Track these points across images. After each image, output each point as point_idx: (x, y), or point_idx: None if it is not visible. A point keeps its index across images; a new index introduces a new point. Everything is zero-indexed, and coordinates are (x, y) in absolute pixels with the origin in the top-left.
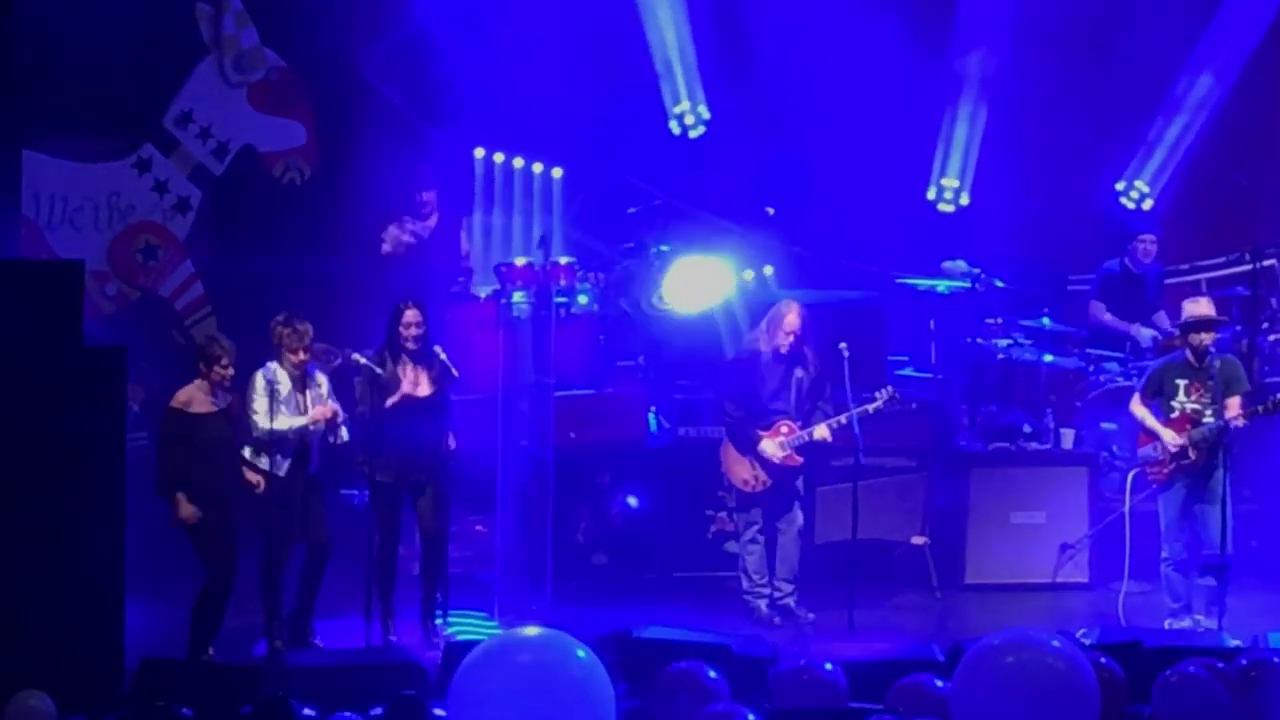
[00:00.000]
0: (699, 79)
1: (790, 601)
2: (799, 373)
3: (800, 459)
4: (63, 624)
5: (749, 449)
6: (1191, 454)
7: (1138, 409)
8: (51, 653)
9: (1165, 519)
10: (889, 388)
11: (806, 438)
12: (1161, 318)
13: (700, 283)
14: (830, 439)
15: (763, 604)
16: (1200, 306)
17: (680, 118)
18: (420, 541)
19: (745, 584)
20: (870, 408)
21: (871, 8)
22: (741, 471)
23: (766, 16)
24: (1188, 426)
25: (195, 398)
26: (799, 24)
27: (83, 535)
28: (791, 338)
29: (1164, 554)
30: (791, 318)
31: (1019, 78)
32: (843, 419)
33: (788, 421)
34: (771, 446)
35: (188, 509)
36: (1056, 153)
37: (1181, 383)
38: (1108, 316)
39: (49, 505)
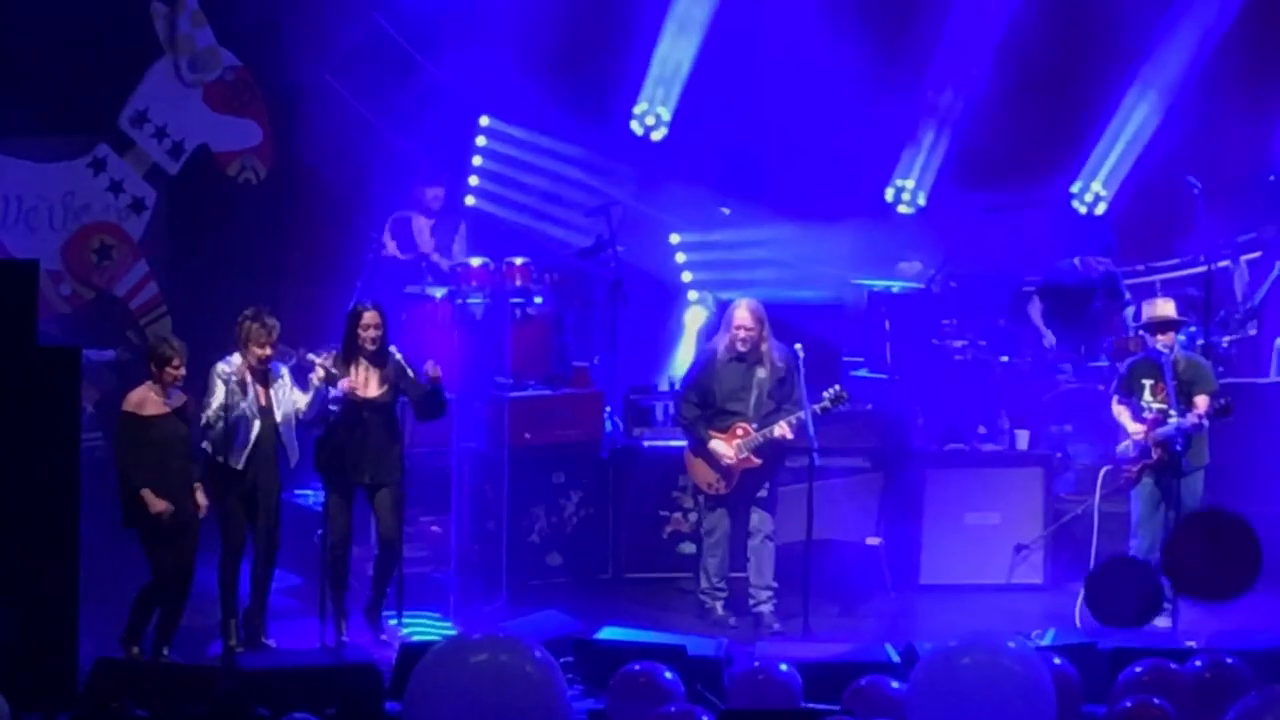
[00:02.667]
0: (679, 82)
1: (765, 609)
2: (760, 373)
3: (758, 461)
4: (16, 624)
5: (703, 449)
6: (1154, 453)
7: (1115, 408)
8: (5, 653)
9: (1137, 515)
10: (836, 387)
11: (761, 439)
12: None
13: None
14: (790, 435)
15: (719, 605)
16: (1158, 308)
17: (641, 118)
18: (376, 542)
19: (703, 583)
20: (817, 407)
21: (834, 12)
22: (703, 474)
23: (728, 19)
24: (1155, 428)
25: (147, 399)
26: (761, 25)
27: (36, 535)
28: (742, 332)
29: (1131, 548)
30: (740, 314)
31: (978, 81)
32: (793, 419)
33: (743, 424)
34: (723, 448)
35: (158, 504)
36: (1013, 155)
37: (1147, 383)
38: (1037, 318)
39: (1, 506)
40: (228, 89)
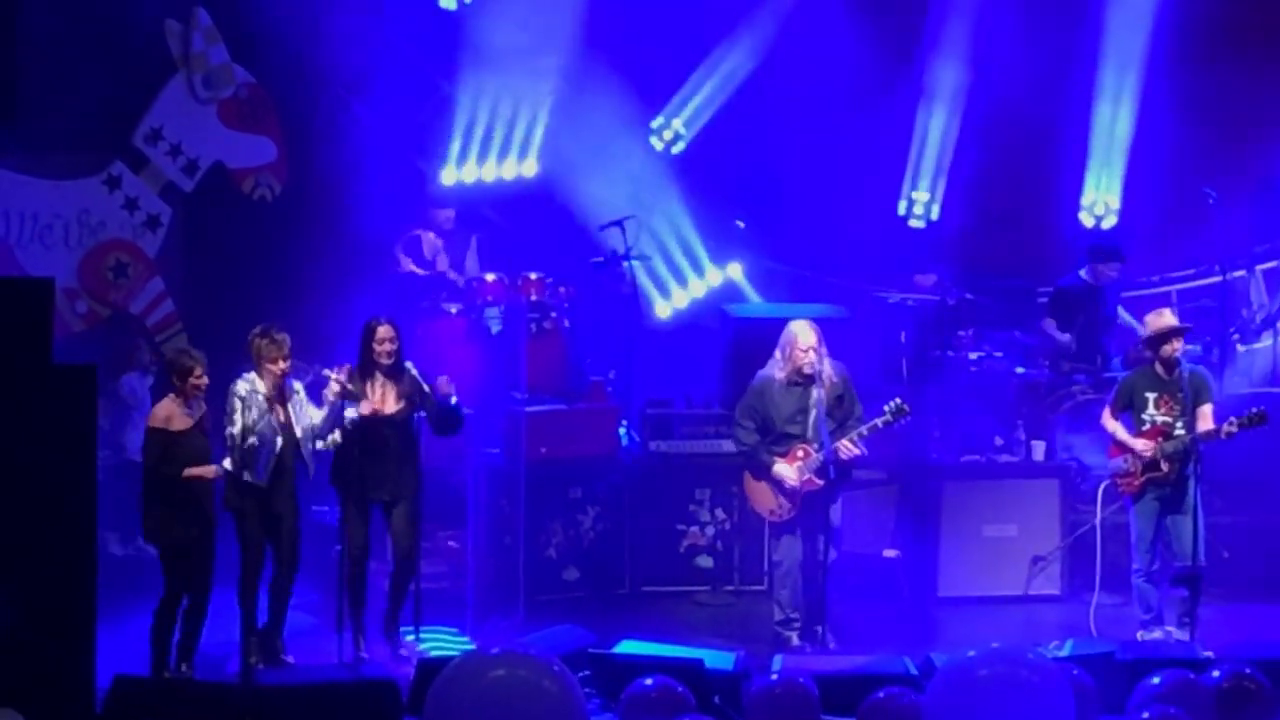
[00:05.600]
0: (709, 111)
1: (818, 629)
2: (816, 393)
3: (820, 482)
4: (34, 642)
5: (765, 474)
6: (1163, 466)
7: (1109, 422)
8: (23, 671)
9: (1137, 530)
10: (896, 400)
11: (820, 460)
12: (1123, 313)
13: None
14: (857, 452)
15: (794, 636)
16: (1164, 318)
17: (659, 132)
18: (392, 557)
19: (777, 615)
20: (879, 422)
21: (843, 24)
22: (766, 500)
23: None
24: (1158, 439)
25: (174, 413)
26: (773, 40)
27: (53, 553)
28: (811, 354)
29: (1135, 565)
30: (806, 336)
31: (988, 93)
32: (855, 436)
33: (804, 445)
34: (787, 470)
35: (208, 470)
36: (1027, 166)
37: (1151, 396)
38: (1053, 330)
39: (18, 523)
40: (242, 106)
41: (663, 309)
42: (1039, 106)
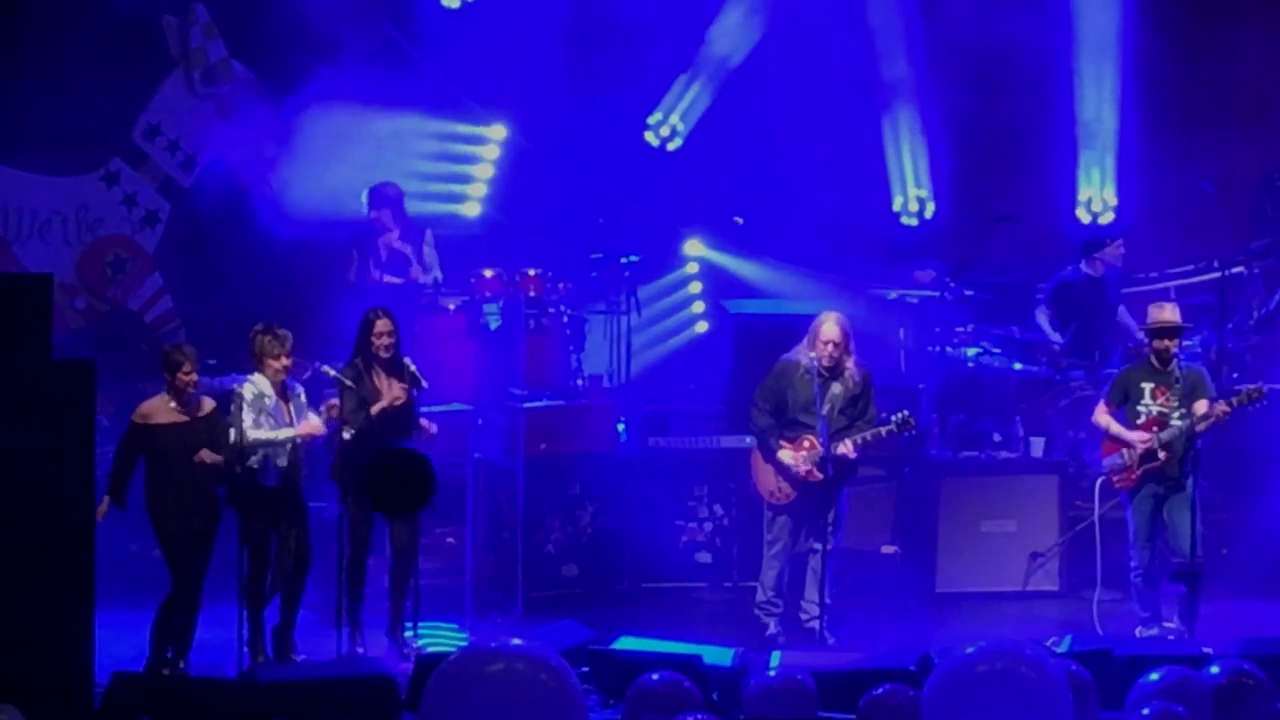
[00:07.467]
0: (702, 106)
1: (814, 624)
2: (835, 388)
3: (820, 475)
4: (33, 639)
5: (770, 457)
6: (1160, 455)
7: (1102, 418)
8: (22, 667)
9: (1134, 527)
10: (904, 412)
11: (820, 455)
12: (1123, 313)
13: None
14: (852, 455)
15: (772, 622)
16: (1165, 312)
17: (656, 128)
18: (391, 553)
19: (760, 596)
20: (883, 430)
21: (841, 20)
22: (766, 481)
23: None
24: (1155, 429)
25: (157, 409)
26: (768, 36)
27: (51, 549)
28: (830, 347)
29: (1133, 562)
30: (829, 328)
31: (971, 88)
32: (858, 438)
33: (810, 437)
34: (791, 457)
35: (101, 511)
36: (1026, 163)
37: (1147, 386)
38: (1046, 325)
39: (17, 519)
40: (240, 102)
41: (701, 325)
42: (1025, 100)
